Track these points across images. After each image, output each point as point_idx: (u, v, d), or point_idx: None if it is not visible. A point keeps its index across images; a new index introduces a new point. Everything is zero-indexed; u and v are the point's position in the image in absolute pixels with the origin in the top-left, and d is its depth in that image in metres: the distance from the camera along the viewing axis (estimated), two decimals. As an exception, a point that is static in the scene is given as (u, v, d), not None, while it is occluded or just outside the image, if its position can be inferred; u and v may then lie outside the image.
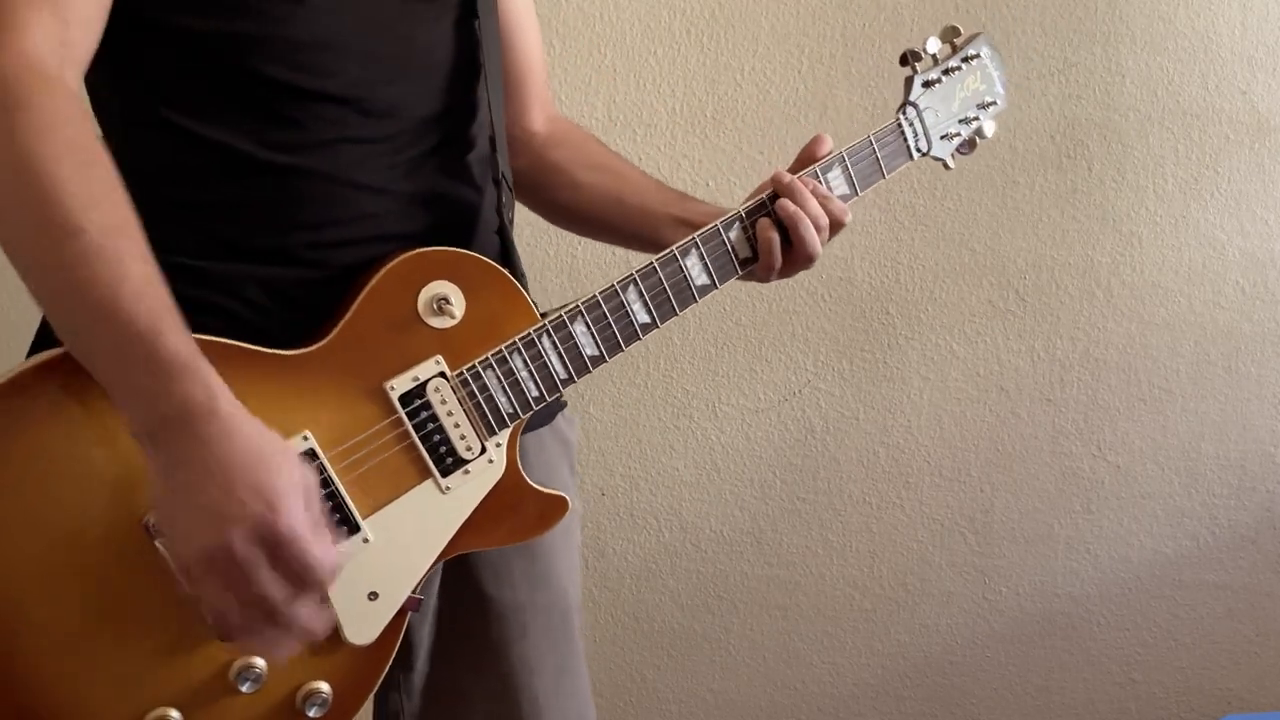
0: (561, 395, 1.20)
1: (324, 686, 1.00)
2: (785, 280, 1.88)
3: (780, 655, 2.08)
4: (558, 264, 1.86)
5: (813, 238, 1.10)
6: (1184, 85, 1.88)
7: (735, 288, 1.89)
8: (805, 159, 1.15)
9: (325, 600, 0.93)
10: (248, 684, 0.96)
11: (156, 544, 0.91)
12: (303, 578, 0.86)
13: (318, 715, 0.99)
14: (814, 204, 1.11)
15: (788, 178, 1.11)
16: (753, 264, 1.12)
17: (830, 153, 1.14)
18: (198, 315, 0.88)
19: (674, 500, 1.99)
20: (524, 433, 1.12)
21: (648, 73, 1.83)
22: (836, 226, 1.13)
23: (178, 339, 0.85)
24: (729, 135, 1.86)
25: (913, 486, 2.02)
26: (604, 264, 1.84)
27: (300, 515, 0.86)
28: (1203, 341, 1.98)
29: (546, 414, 1.17)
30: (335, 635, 0.99)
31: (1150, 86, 1.88)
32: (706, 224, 1.11)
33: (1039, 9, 1.84)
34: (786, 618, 2.06)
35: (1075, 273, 1.94)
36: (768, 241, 1.11)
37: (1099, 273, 1.94)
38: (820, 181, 1.13)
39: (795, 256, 1.12)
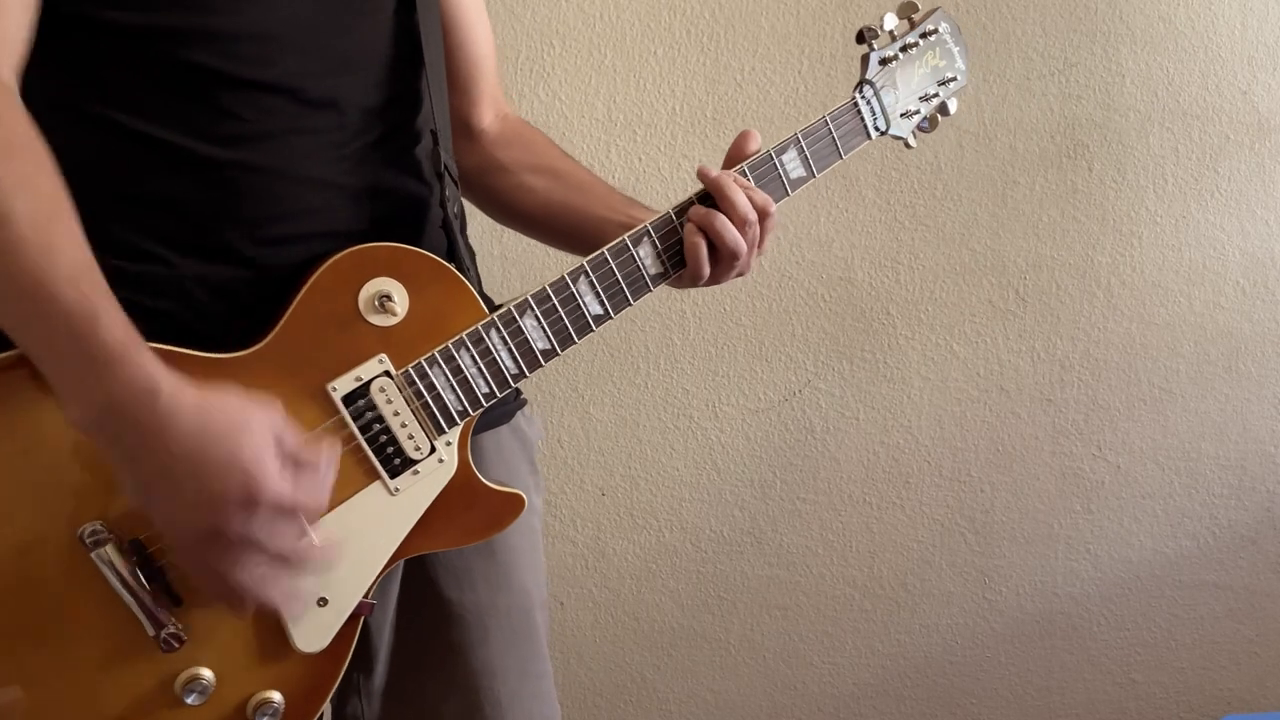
0: (521, 393, 1.18)
1: (275, 696, 0.97)
2: (784, 281, 1.90)
3: (780, 655, 2.07)
4: (559, 265, 1.86)
5: (734, 236, 1.06)
6: (1184, 85, 1.88)
7: (736, 286, 1.90)
8: (734, 156, 1.11)
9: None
10: (194, 695, 0.94)
11: (93, 556, 0.90)
12: (300, 523, 0.87)
13: None
14: (741, 197, 1.06)
15: (713, 173, 1.07)
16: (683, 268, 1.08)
17: (758, 150, 1.10)
18: (133, 319, 0.86)
19: (674, 500, 1.99)
20: (482, 431, 1.10)
21: (648, 73, 1.83)
22: (763, 216, 1.08)
23: (112, 325, 0.83)
24: (729, 135, 1.83)
25: (913, 486, 2.02)
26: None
27: (276, 476, 0.85)
28: (1203, 341, 1.98)
29: (505, 412, 1.15)
30: (285, 643, 0.97)
31: (1150, 86, 1.88)
32: None
33: (1039, 9, 1.84)
34: (786, 618, 2.06)
35: (1075, 273, 1.94)
36: (692, 244, 1.06)
37: (1099, 273, 1.94)
38: (748, 177, 1.09)
39: (720, 256, 1.08)
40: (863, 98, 1.16)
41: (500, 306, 1.03)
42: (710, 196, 1.08)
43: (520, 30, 1.79)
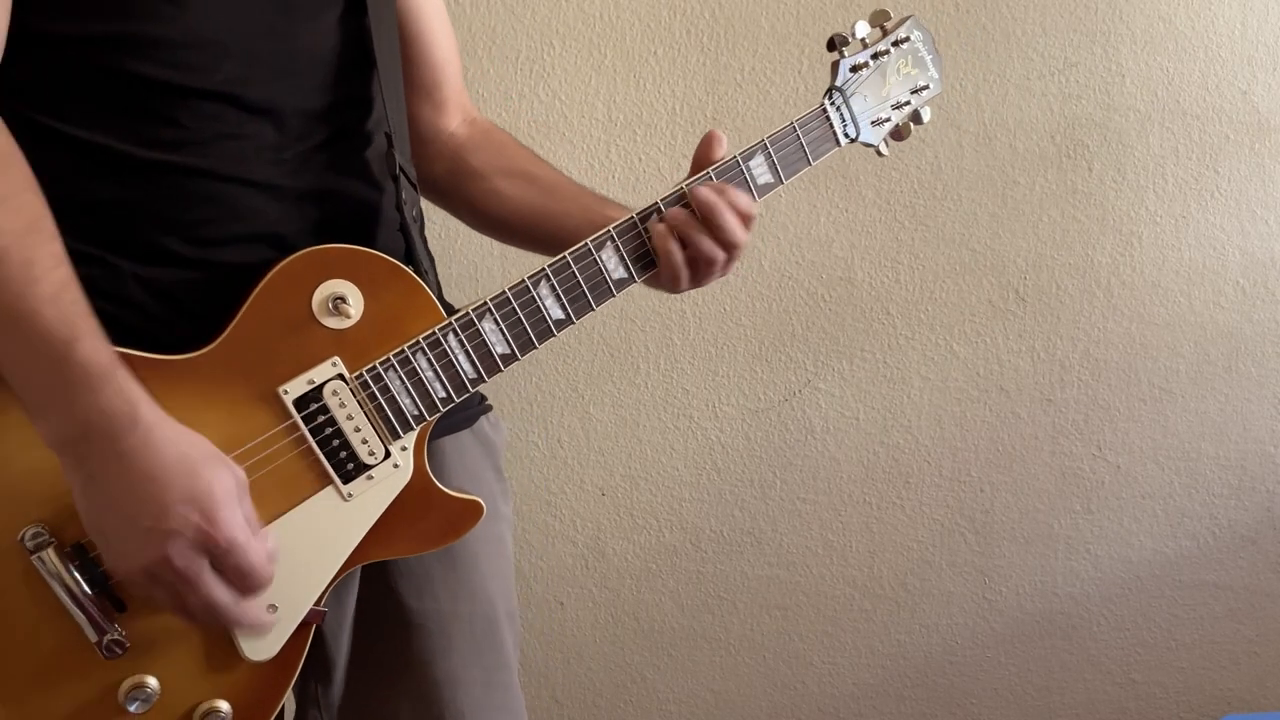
0: (485, 398, 1.17)
1: (223, 705, 0.96)
2: (784, 281, 1.90)
3: (780, 655, 2.07)
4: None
5: (710, 246, 1.05)
6: (1184, 85, 1.88)
7: (736, 286, 1.90)
8: (700, 161, 1.10)
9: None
10: (136, 704, 0.92)
11: (33, 559, 0.88)
12: (245, 582, 0.87)
13: None
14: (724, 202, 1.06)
15: (704, 194, 1.06)
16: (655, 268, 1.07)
17: (725, 155, 1.10)
18: None
19: (674, 500, 1.99)
20: (443, 435, 1.09)
21: (648, 73, 1.83)
22: (747, 220, 1.08)
23: (93, 346, 0.83)
24: (729, 135, 1.84)
25: (913, 486, 2.02)
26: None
27: (238, 521, 0.85)
28: (1203, 341, 1.98)
29: (467, 416, 1.14)
30: (233, 651, 0.96)
31: (1150, 86, 1.88)
32: None
33: (1039, 9, 1.84)
34: (786, 618, 2.06)
35: (1075, 273, 1.94)
36: (666, 252, 1.05)
37: (1099, 273, 1.94)
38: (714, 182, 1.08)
39: (698, 265, 1.07)
40: (832, 104, 1.16)
41: (459, 310, 1.02)
42: (680, 199, 1.07)
43: (520, 30, 1.79)
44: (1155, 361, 1.98)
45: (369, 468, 0.98)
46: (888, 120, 1.20)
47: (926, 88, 1.22)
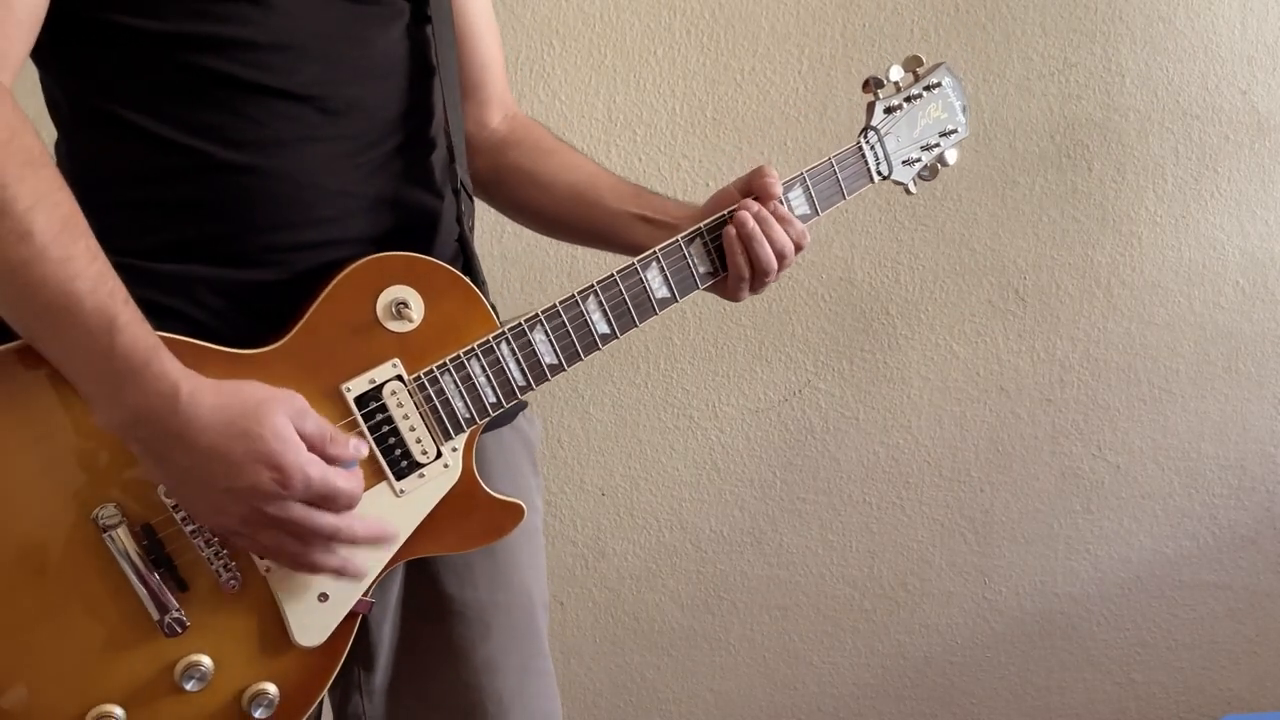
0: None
1: (270, 688, 1.00)
2: (785, 280, 1.90)
3: (780, 655, 2.08)
4: (558, 265, 1.86)
5: (767, 253, 1.11)
6: (1184, 85, 1.88)
7: (735, 288, 1.90)
8: (746, 189, 1.14)
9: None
10: (192, 682, 0.97)
11: (105, 538, 0.92)
12: (335, 504, 0.93)
13: (264, 716, 1.00)
14: (774, 224, 1.11)
15: (754, 206, 1.11)
16: (713, 277, 1.13)
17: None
18: (149, 317, 0.89)
19: (674, 500, 1.99)
20: (485, 431, 1.12)
21: (648, 73, 1.83)
22: (797, 248, 1.13)
23: (133, 333, 0.87)
24: (729, 135, 1.86)
25: (913, 486, 2.02)
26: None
27: (305, 458, 0.90)
28: (1203, 341, 1.98)
29: (507, 413, 1.17)
30: (284, 636, 1.00)
31: (1150, 86, 1.88)
32: (665, 219, 1.14)
33: (1039, 9, 1.84)
34: (786, 618, 2.06)
35: (1075, 273, 1.94)
36: (734, 251, 1.11)
37: (1099, 273, 1.94)
38: (784, 203, 1.13)
39: (755, 272, 1.12)
40: (867, 143, 1.20)
41: (511, 320, 1.06)
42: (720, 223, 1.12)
43: (520, 30, 1.79)
44: (1155, 361, 1.98)
45: (421, 466, 1.03)
46: (918, 160, 1.25)
47: (955, 131, 1.26)
